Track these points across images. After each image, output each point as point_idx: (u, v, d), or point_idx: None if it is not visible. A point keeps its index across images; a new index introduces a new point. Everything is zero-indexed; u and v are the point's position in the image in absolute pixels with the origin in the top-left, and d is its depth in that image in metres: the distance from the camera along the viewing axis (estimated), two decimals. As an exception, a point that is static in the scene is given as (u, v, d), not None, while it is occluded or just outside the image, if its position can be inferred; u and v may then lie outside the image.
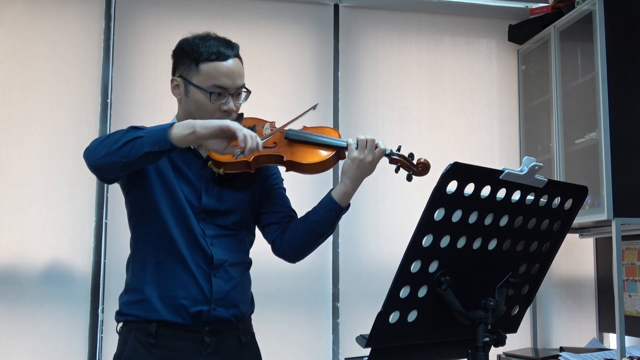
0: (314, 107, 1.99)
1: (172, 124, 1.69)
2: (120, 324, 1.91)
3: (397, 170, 1.93)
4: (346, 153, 1.91)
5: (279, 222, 2.00)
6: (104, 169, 1.77)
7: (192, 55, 1.86)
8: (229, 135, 1.70)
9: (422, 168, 1.90)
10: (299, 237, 1.95)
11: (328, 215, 1.90)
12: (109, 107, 3.35)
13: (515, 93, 3.82)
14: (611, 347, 3.46)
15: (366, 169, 1.87)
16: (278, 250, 2.00)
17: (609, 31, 3.07)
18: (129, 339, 1.85)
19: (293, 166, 1.91)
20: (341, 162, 1.96)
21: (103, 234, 3.25)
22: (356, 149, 1.86)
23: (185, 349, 1.83)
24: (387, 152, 1.90)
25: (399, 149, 1.93)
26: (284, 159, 1.90)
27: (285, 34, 3.60)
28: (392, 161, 1.92)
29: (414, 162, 1.91)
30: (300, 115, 1.95)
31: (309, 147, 1.92)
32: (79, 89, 3.34)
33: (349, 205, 1.92)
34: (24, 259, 3.18)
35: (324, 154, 1.90)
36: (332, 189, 1.93)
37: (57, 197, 3.24)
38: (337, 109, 3.58)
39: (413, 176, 1.91)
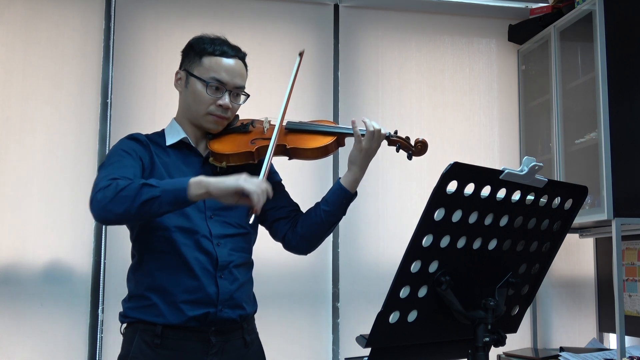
0: (300, 55, 2.09)
1: (187, 183, 1.68)
2: (125, 325, 1.91)
3: (397, 150, 1.99)
4: (345, 140, 2.01)
5: (287, 217, 2.03)
6: (119, 222, 1.82)
7: (197, 49, 1.95)
8: (242, 195, 1.70)
9: (421, 147, 1.98)
10: (311, 228, 1.98)
11: (340, 203, 1.96)
12: (109, 107, 3.34)
13: (515, 93, 3.82)
14: (611, 347, 3.46)
15: (372, 155, 1.95)
16: (290, 244, 2.03)
17: (609, 31, 3.07)
18: (135, 339, 1.85)
19: (295, 153, 1.97)
20: (341, 150, 2.04)
21: (103, 234, 3.24)
22: (364, 138, 1.92)
23: (191, 349, 1.84)
24: (387, 134, 1.97)
25: (396, 132, 2.00)
26: (287, 146, 1.96)
27: (285, 34, 3.59)
28: (391, 143, 1.99)
29: (412, 143, 1.98)
30: (294, 79, 2.03)
31: (309, 135, 1.99)
32: (79, 89, 3.34)
33: (356, 192, 1.98)
34: (24, 259, 3.18)
35: (325, 139, 1.97)
36: (339, 178, 1.98)
37: (57, 197, 3.24)
38: (337, 109, 3.58)
39: (413, 156, 1.98)
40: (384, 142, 1.97)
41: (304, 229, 1.99)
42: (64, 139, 3.28)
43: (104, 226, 3.24)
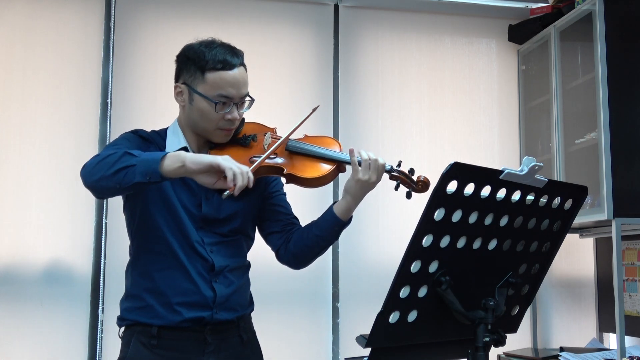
0: (314, 110, 1.97)
1: (164, 155, 1.67)
2: (122, 329, 1.92)
3: (396, 188, 1.93)
4: (346, 167, 1.93)
5: (281, 231, 2.01)
6: (99, 190, 1.77)
7: (197, 63, 1.84)
8: (219, 172, 1.68)
9: (422, 186, 1.91)
10: (303, 249, 1.97)
11: (331, 230, 1.93)
12: (109, 107, 3.34)
13: (515, 93, 3.82)
14: (611, 347, 3.46)
15: (369, 187, 1.89)
16: (282, 259, 2.02)
17: (609, 31, 3.07)
18: (132, 341, 1.86)
19: (293, 179, 1.91)
20: (341, 175, 1.97)
21: (103, 234, 3.25)
22: (360, 168, 1.85)
23: (188, 348, 1.85)
24: (388, 168, 1.90)
25: (399, 165, 1.93)
26: (284, 171, 1.89)
27: (285, 34, 3.59)
28: (392, 177, 1.92)
29: (414, 178, 1.91)
30: (301, 122, 1.92)
31: (309, 160, 1.92)
32: (79, 89, 3.34)
33: (351, 218, 1.94)
34: (24, 259, 3.18)
35: (325, 168, 1.90)
36: (333, 203, 1.95)
37: (57, 197, 3.24)
38: (337, 109, 3.58)
39: (413, 193, 1.91)
40: (385, 176, 1.90)
41: (296, 249, 1.97)
42: (64, 139, 3.28)
43: (104, 226, 3.25)
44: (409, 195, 1.91)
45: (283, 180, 1.96)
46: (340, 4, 3.66)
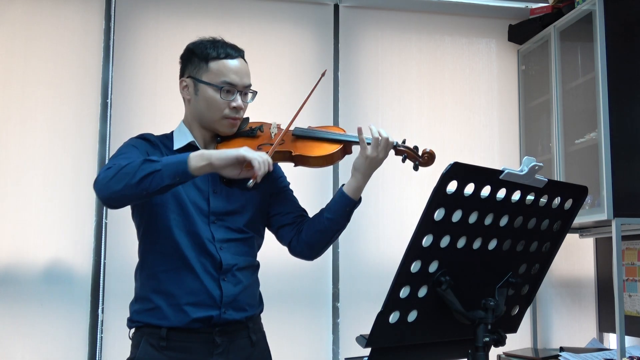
0: (323, 75, 2.05)
1: (188, 156, 1.72)
2: (132, 330, 1.92)
3: (403, 160, 1.97)
4: (352, 148, 1.98)
5: (292, 223, 2.03)
6: (121, 200, 1.78)
7: (201, 55, 1.93)
8: (244, 163, 1.74)
9: (428, 158, 1.96)
10: (315, 235, 1.98)
11: (342, 211, 1.95)
12: (109, 107, 3.34)
13: (515, 93, 3.82)
14: (611, 347, 3.46)
15: (377, 164, 1.93)
16: (295, 251, 2.03)
17: (609, 31, 3.07)
18: (141, 343, 1.87)
19: (301, 160, 1.96)
20: (347, 157, 2.01)
21: (103, 234, 3.24)
22: (369, 146, 1.90)
23: (197, 349, 1.85)
24: (394, 144, 1.94)
25: (404, 142, 1.97)
26: (292, 153, 1.95)
27: (285, 34, 3.59)
28: (398, 152, 1.97)
29: (419, 153, 1.96)
30: (312, 91, 2.00)
31: (316, 142, 1.98)
32: (79, 89, 3.34)
33: (360, 198, 1.97)
34: (24, 259, 3.18)
35: (331, 147, 1.96)
36: (342, 185, 1.97)
37: (57, 197, 3.24)
38: (337, 109, 3.58)
39: (419, 166, 1.97)
40: (391, 152, 1.94)
41: (308, 236, 1.98)
42: (64, 139, 3.28)
43: (104, 226, 3.25)
44: (416, 168, 1.97)
45: (291, 164, 1.99)
46: (340, 4, 3.66)
